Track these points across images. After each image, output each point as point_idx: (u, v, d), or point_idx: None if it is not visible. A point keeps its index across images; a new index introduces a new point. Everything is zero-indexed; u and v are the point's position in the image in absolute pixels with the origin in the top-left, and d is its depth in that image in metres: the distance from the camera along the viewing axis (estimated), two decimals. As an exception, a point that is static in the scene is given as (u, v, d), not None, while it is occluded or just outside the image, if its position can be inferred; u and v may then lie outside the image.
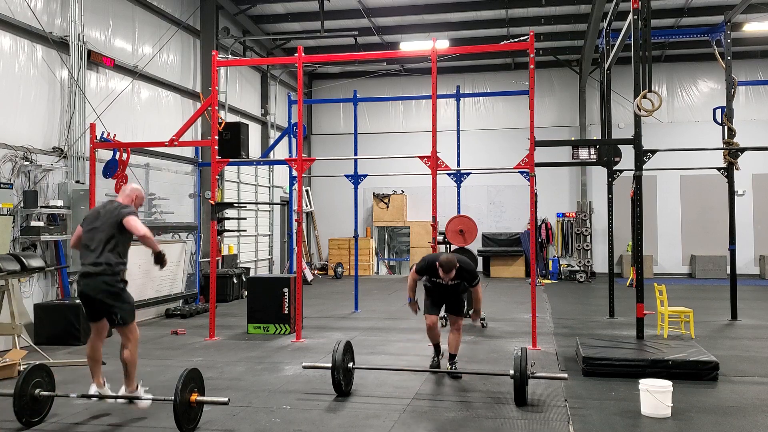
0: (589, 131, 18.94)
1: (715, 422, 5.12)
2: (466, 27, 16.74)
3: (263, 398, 5.87)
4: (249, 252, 16.55)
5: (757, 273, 17.96)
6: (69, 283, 9.46)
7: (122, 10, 11.42)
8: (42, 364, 5.27)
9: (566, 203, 19.16)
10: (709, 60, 16.16)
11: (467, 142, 15.83)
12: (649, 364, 6.47)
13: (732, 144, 10.15)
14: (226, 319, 10.71)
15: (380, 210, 19.68)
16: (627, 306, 10.81)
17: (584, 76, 18.29)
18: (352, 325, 10.23)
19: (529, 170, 8.30)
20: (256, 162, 14.69)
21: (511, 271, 18.39)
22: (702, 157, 12.53)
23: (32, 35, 9.22)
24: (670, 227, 18.55)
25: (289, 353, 7.94)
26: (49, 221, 9.09)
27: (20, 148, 8.78)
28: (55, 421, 5.20)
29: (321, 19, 15.17)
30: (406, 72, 19.32)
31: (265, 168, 17.51)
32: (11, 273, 7.49)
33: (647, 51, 7.83)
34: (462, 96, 13.21)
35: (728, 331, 9.45)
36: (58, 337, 8.51)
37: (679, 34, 13.73)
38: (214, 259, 9.48)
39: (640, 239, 8.19)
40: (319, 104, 20.62)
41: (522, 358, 5.46)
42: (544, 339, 8.66)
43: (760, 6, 13.82)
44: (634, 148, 7.99)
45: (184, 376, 4.83)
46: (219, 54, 12.19)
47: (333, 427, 5.05)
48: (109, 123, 10.25)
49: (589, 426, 5.03)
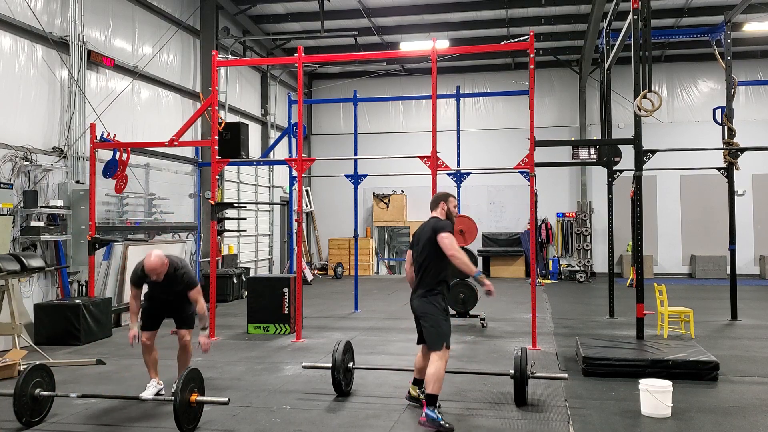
0: (589, 131, 18.94)
1: (715, 422, 5.11)
2: (466, 27, 16.74)
3: (263, 398, 5.87)
4: (249, 252, 16.54)
5: (757, 273, 17.95)
6: (69, 283, 9.47)
7: (122, 10, 11.42)
8: (42, 364, 5.27)
9: (566, 203, 19.16)
10: (709, 60, 16.16)
11: (467, 142, 15.84)
12: (649, 364, 6.47)
13: (732, 144, 10.15)
14: (226, 319, 10.71)
15: (380, 210, 19.69)
16: (627, 306, 10.81)
17: (584, 76, 18.29)
18: (352, 325, 10.23)
19: (529, 170, 8.30)
20: (256, 162, 14.69)
21: (511, 271, 18.39)
22: (702, 157, 12.53)
23: (32, 35, 9.22)
24: (670, 227, 18.54)
25: (289, 353, 7.94)
26: (49, 221, 9.09)
27: (20, 148, 8.78)
28: (55, 421, 5.20)
29: (321, 19, 15.17)
30: (406, 72, 19.32)
31: (265, 168, 17.51)
32: (11, 273, 7.49)
33: (647, 51, 7.82)
34: (462, 96, 13.22)
35: (728, 331, 9.45)
36: (58, 337, 8.51)
37: (679, 34, 13.73)
38: (214, 259, 9.48)
39: (640, 239, 8.19)
40: (319, 104, 20.62)
41: (522, 358, 5.46)
42: (544, 339, 8.65)
43: (760, 6, 13.83)
44: (634, 148, 7.99)
45: (184, 376, 4.83)
46: (219, 54, 12.20)
47: (333, 427, 5.05)
48: (109, 123, 10.25)
49: (589, 426, 5.03)
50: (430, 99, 8.89)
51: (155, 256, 5.54)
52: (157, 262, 5.50)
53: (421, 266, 5.26)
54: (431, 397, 4.89)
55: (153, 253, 5.55)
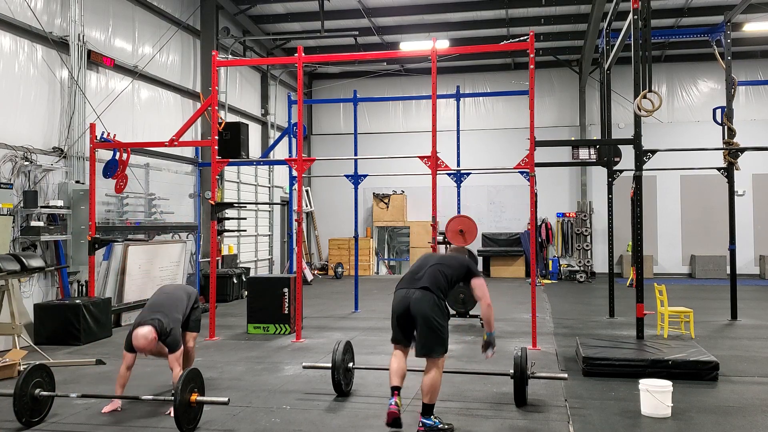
0: (589, 131, 18.94)
1: (715, 422, 5.11)
2: (466, 27, 16.74)
3: (263, 398, 5.87)
4: (249, 252, 16.55)
5: (757, 273, 17.96)
6: (69, 283, 9.47)
7: (122, 10, 11.42)
8: (42, 364, 5.27)
9: (566, 203, 19.16)
10: (709, 60, 16.16)
11: (467, 142, 15.84)
12: (649, 364, 6.47)
13: (732, 144, 10.15)
14: (226, 319, 10.71)
15: (380, 210, 19.68)
16: (627, 306, 10.81)
17: (584, 76, 18.29)
18: (352, 325, 10.23)
19: (529, 170, 8.29)
20: (256, 162, 14.69)
21: (511, 271, 18.39)
22: (702, 157, 12.53)
23: (32, 35, 9.22)
24: (670, 227, 18.54)
25: (289, 353, 7.94)
26: (49, 221, 9.09)
27: (20, 148, 8.78)
28: (55, 421, 5.20)
29: (321, 19, 15.17)
30: (406, 72, 19.32)
31: (265, 168, 17.51)
32: (11, 273, 7.49)
33: (647, 51, 7.82)
34: (462, 96, 13.21)
35: (728, 331, 9.45)
36: (58, 337, 8.51)
37: (679, 34, 13.72)
38: (214, 259, 9.48)
39: (640, 239, 8.19)
40: (319, 104, 20.62)
41: (522, 358, 5.46)
42: (544, 339, 8.65)
43: (760, 6, 13.83)
44: (634, 148, 7.99)
45: (184, 376, 4.83)
46: (219, 54, 12.20)
47: (333, 427, 5.05)
48: (109, 123, 10.25)
49: (589, 426, 5.03)
50: (430, 99, 8.89)
51: (142, 336, 5.27)
52: (144, 343, 5.26)
53: (435, 271, 4.98)
54: (429, 407, 4.76)
55: (140, 334, 5.28)
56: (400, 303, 4.98)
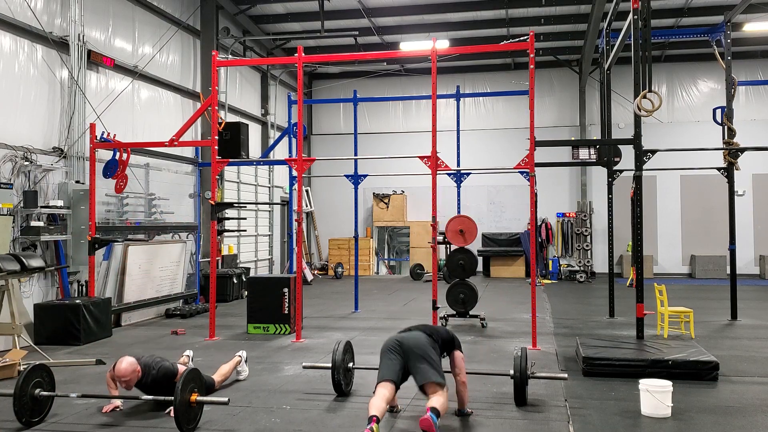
0: (589, 131, 18.94)
1: (715, 422, 5.11)
2: (466, 27, 16.74)
3: (263, 398, 5.87)
4: (249, 252, 16.55)
5: (757, 273, 17.96)
6: (69, 283, 9.47)
7: (122, 10, 11.42)
8: (42, 364, 5.26)
9: (566, 203, 19.16)
10: (709, 60, 16.17)
11: (467, 142, 15.86)
12: (649, 364, 6.47)
13: (732, 144, 10.15)
14: (226, 319, 10.70)
15: (380, 210, 19.69)
16: (627, 306, 10.81)
17: (584, 76, 18.29)
18: (352, 325, 10.23)
19: (529, 170, 8.30)
20: (256, 162, 14.69)
21: (511, 271, 18.39)
22: (702, 157, 12.53)
23: (32, 35, 9.22)
24: (670, 227, 18.55)
25: (289, 353, 7.94)
26: (49, 221, 9.09)
27: (20, 148, 8.78)
28: (55, 421, 5.20)
29: (321, 19, 15.17)
30: (406, 72, 19.33)
31: (265, 168, 17.51)
32: (11, 273, 7.49)
33: (647, 51, 7.82)
34: (462, 96, 13.22)
35: (728, 331, 9.45)
36: (58, 337, 8.51)
37: (679, 34, 13.71)
38: (214, 259, 9.48)
39: (640, 239, 8.19)
40: (319, 104, 20.62)
41: (522, 358, 5.46)
42: (544, 339, 8.65)
43: (760, 6, 13.83)
44: (634, 148, 7.99)
45: (184, 376, 4.83)
46: (219, 54, 12.20)
47: (333, 427, 5.05)
48: (109, 123, 10.26)
49: (589, 426, 5.03)
50: (430, 99, 8.89)
51: (127, 362, 5.17)
52: (128, 369, 5.16)
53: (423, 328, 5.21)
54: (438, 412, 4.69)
55: (125, 359, 5.19)
56: (390, 341, 5.10)
